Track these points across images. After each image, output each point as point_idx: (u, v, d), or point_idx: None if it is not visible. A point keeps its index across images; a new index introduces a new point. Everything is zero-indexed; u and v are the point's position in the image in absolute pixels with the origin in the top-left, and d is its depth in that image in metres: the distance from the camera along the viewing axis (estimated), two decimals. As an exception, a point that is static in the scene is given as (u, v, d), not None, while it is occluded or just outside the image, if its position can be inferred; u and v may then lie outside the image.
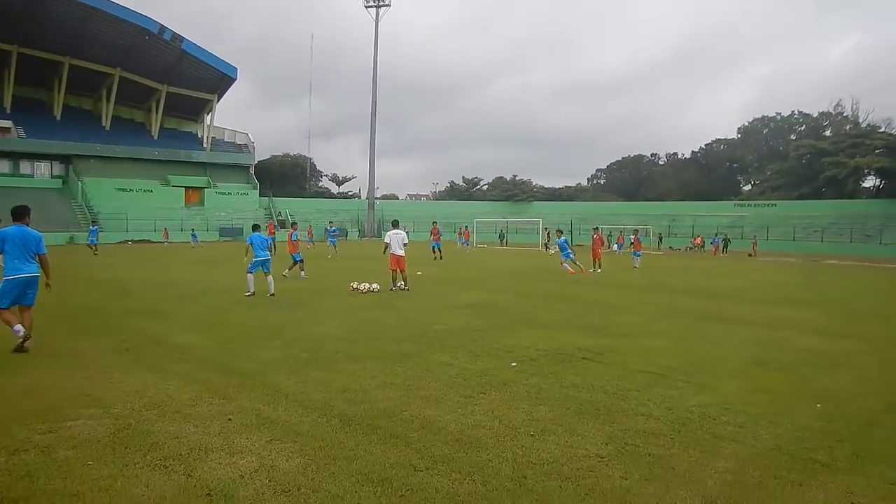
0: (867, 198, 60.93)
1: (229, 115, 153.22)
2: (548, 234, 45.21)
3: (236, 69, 71.97)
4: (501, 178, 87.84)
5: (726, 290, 16.35)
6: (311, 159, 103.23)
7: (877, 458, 4.19)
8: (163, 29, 61.89)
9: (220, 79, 72.30)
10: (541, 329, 9.11)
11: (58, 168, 66.91)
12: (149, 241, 57.08)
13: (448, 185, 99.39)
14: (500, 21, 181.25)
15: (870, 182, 64.43)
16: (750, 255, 40.66)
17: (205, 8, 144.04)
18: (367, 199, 79.59)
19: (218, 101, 76.66)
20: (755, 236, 47.48)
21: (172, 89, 72.07)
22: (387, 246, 14.34)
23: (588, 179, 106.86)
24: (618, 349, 7.69)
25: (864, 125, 68.29)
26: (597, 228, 23.41)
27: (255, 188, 78.68)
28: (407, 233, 15.00)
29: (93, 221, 51.08)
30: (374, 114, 75.95)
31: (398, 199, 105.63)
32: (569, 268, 20.68)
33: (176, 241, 53.41)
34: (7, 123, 63.15)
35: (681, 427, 4.72)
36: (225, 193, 75.05)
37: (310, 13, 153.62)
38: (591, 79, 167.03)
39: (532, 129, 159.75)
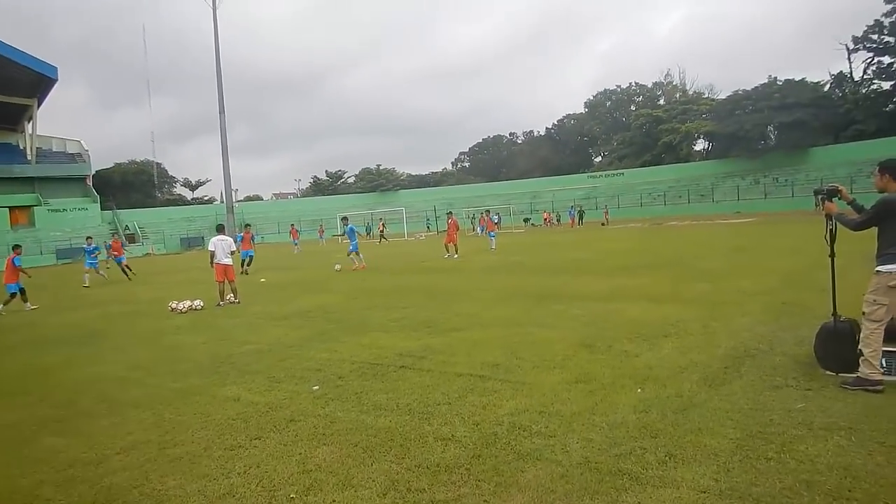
0: (699, 160, 66.43)
1: (62, 123, 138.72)
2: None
3: (55, 68, 64.16)
4: (367, 169, 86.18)
5: (573, 263, 16.45)
6: (160, 164, 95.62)
7: (689, 456, 3.69)
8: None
9: (37, 80, 64.15)
10: (367, 334, 8.21)
11: None
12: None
13: (311, 180, 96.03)
14: (352, 6, 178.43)
15: (700, 145, 70.31)
16: (603, 224, 42.70)
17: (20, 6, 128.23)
18: (224, 203, 75.04)
19: (39, 105, 68.24)
20: (606, 206, 50.04)
21: (-23, 95, 63.17)
22: (212, 255, 12.74)
23: (452, 164, 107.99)
24: (443, 349, 6.96)
25: (691, 92, 74.37)
26: (450, 213, 22.96)
27: (94, 201, 71.31)
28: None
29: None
30: (222, 111, 70.95)
31: (262, 199, 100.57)
32: (354, 261, 19.36)
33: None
34: None
35: (483, 449, 3.99)
36: (59, 210, 67.44)
37: (146, 6, 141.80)
38: (450, 62, 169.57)
39: (395, 116, 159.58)
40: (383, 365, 6.43)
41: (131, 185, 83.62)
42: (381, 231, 43.32)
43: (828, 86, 55.87)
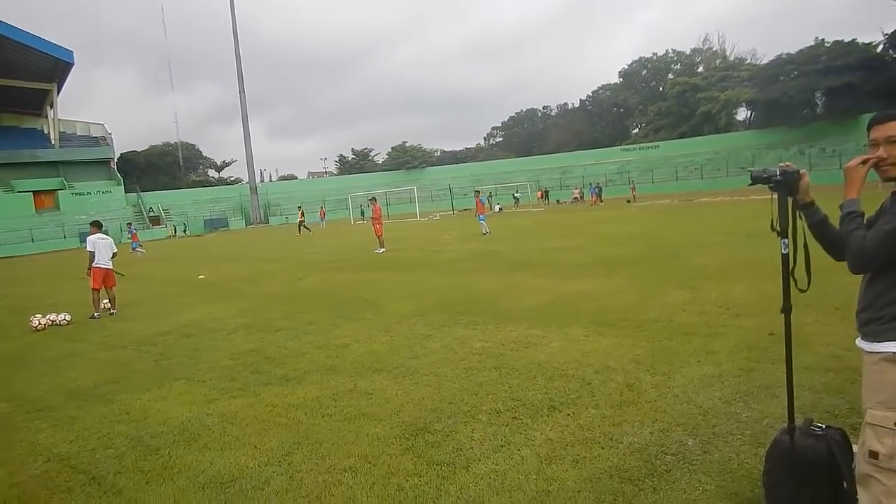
0: (740, 130, 61.42)
1: (102, 109, 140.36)
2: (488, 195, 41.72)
3: (71, 52, 63.66)
4: (398, 146, 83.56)
5: (548, 255, 13.67)
6: (194, 146, 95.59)
7: None
8: (-34, 11, 53.17)
9: (55, 64, 63.79)
10: (189, 383, 5.84)
11: None
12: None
13: (337, 159, 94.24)
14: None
15: (741, 114, 65.11)
16: (628, 202, 39.27)
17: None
18: (249, 183, 73.83)
19: (59, 90, 68.09)
20: (633, 181, 46.40)
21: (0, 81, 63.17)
22: (91, 256, 10.51)
23: (484, 139, 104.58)
24: (217, 427, 4.53)
25: (731, 58, 68.78)
26: (373, 199, 20.12)
27: (119, 184, 70.98)
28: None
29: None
30: (241, 90, 70.13)
31: (297, 178, 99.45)
32: None
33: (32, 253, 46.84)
34: None
35: None
36: (83, 194, 67.31)
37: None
38: (491, 36, 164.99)
39: (433, 93, 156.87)
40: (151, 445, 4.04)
41: (157, 168, 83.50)
42: (301, 220, 37.75)
43: (881, 47, 49.70)
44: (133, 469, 3.87)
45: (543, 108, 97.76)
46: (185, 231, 61.00)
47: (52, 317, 10.11)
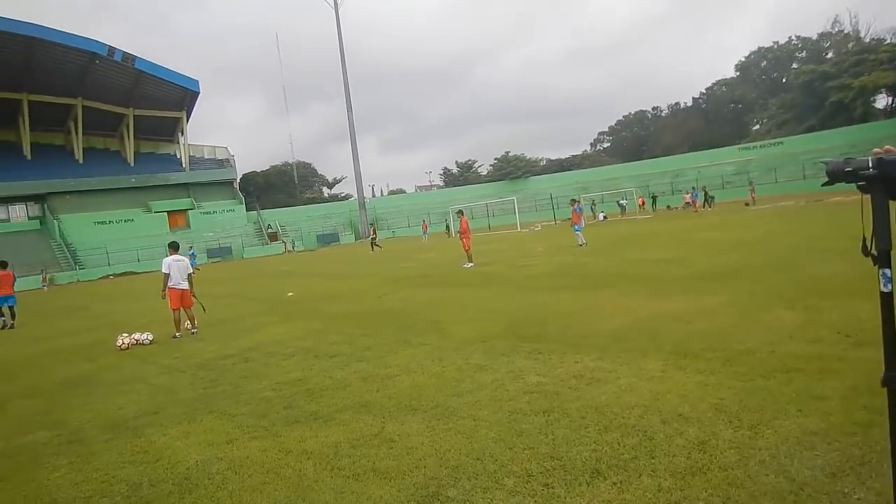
0: (882, 119, 54.77)
1: (226, 131, 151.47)
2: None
3: (197, 82, 69.12)
4: (503, 156, 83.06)
5: (640, 267, 12.47)
6: (309, 164, 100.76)
7: None
8: (112, 50, 59.21)
9: (183, 94, 69.59)
10: (220, 417, 5.54)
11: (34, 209, 65.03)
12: (132, 273, 54.75)
13: (441, 172, 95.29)
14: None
15: (881, 102, 58.06)
16: (747, 205, 36.12)
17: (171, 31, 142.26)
18: (357, 198, 76.24)
19: (188, 117, 74.02)
20: (751, 182, 42.74)
21: (139, 112, 69.82)
22: (166, 277, 10.76)
23: (591, 145, 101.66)
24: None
25: (866, 39, 61.63)
26: (460, 212, 19.35)
27: (241, 203, 75.85)
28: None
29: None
30: (349, 108, 72.50)
31: (405, 192, 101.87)
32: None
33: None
34: (-26, 168, 61.41)
35: None
36: (210, 212, 72.44)
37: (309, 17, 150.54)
38: (598, 38, 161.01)
39: (539, 100, 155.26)
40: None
41: (275, 186, 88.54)
42: (373, 237, 38.07)
43: None
44: None
45: (653, 109, 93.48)
46: (292, 247, 63.89)
47: (137, 336, 10.42)
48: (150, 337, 10.46)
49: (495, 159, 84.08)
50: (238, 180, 79.71)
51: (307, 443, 4.53)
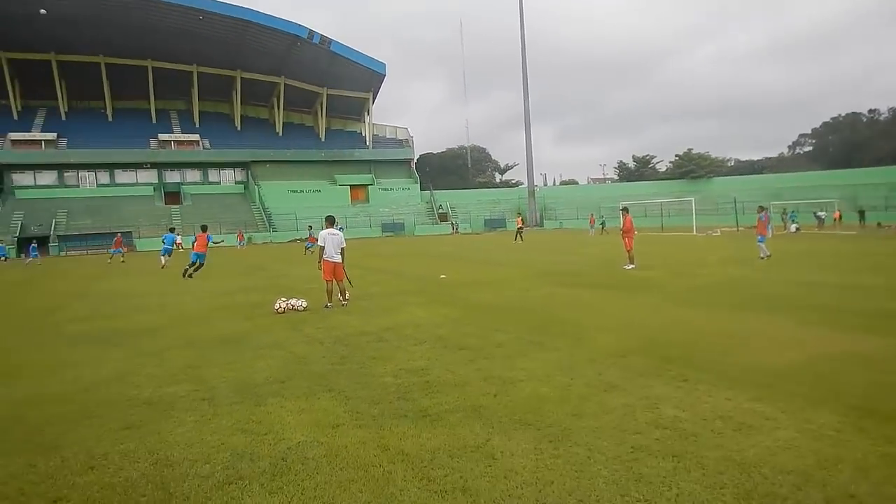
0: None
1: (408, 113, 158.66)
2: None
3: (384, 65, 73.09)
4: (684, 153, 77.77)
5: (838, 293, 10.65)
6: (484, 149, 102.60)
7: None
8: (311, 33, 64.46)
9: (370, 76, 73.91)
10: (337, 398, 5.60)
11: (239, 174, 73.19)
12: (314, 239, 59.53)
13: (616, 165, 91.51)
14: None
15: None
16: None
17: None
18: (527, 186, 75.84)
19: (374, 98, 78.48)
20: None
21: (332, 91, 75.45)
22: (321, 250, 11.26)
23: (789, 147, 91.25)
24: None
25: None
26: (625, 209, 17.67)
27: (415, 182, 79.25)
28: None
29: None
30: (526, 96, 72.14)
31: (577, 183, 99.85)
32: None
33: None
34: (195, 136, 70.52)
35: None
36: (388, 189, 76.48)
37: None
38: (804, 31, 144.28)
39: (730, 97, 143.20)
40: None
41: (449, 169, 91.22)
42: (520, 227, 36.54)
43: None
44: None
45: (869, 112, 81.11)
46: (455, 229, 65.27)
47: (294, 302, 11.07)
48: (305, 304, 11.07)
49: (676, 156, 78.85)
50: (415, 160, 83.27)
51: (407, 442, 4.31)
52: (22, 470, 4.09)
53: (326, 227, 11.32)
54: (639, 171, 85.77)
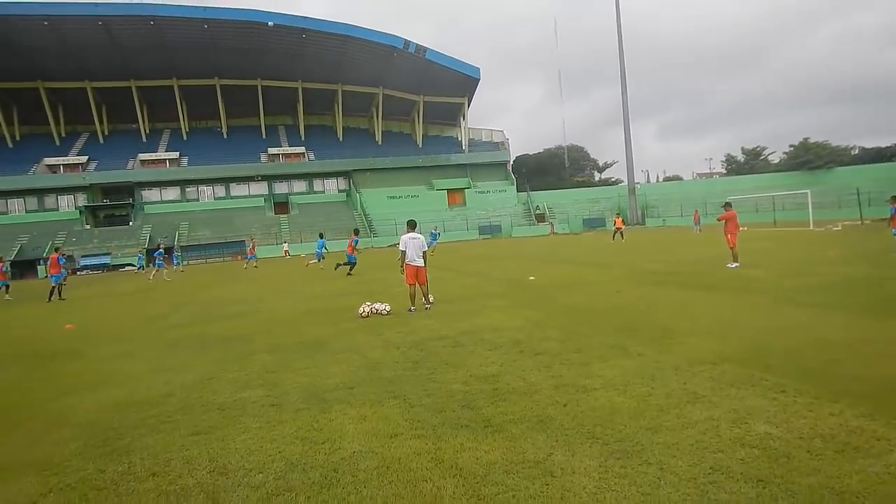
0: None
1: (504, 116, 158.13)
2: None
3: (478, 69, 73.18)
4: (800, 142, 71.93)
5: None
6: (582, 148, 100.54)
7: None
8: (407, 43, 65.78)
9: (465, 81, 74.31)
10: (402, 405, 5.51)
11: (342, 183, 75.87)
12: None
13: (723, 159, 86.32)
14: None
15: None
16: None
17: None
18: (628, 184, 73.15)
19: (469, 103, 78.85)
20: None
21: (428, 98, 76.61)
22: (403, 254, 11.24)
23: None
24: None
25: None
26: (727, 204, 16.04)
27: (512, 184, 78.76)
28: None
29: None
30: (624, 91, 69.65)
31: (681, 179, 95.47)
32: None
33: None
34: (301, 149, 73.95)
35: None
36: (484, 192, 76.50)
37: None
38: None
39: (854, 81, 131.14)
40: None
41: (546, 169, 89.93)
42: (618, 227, 35.14)
43: None
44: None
45: None
46: (552, 230, 64.00)
47: (377, 306, 11.15)
48: (388, 308, 11.12)
49: (790, 146, 72.99)
50: (511, 162, 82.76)
51: (463, 455, 4.09)
52: (91, 475, 4.26)
53: (408, 232, 11.32)
54: (749, 163, 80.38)
